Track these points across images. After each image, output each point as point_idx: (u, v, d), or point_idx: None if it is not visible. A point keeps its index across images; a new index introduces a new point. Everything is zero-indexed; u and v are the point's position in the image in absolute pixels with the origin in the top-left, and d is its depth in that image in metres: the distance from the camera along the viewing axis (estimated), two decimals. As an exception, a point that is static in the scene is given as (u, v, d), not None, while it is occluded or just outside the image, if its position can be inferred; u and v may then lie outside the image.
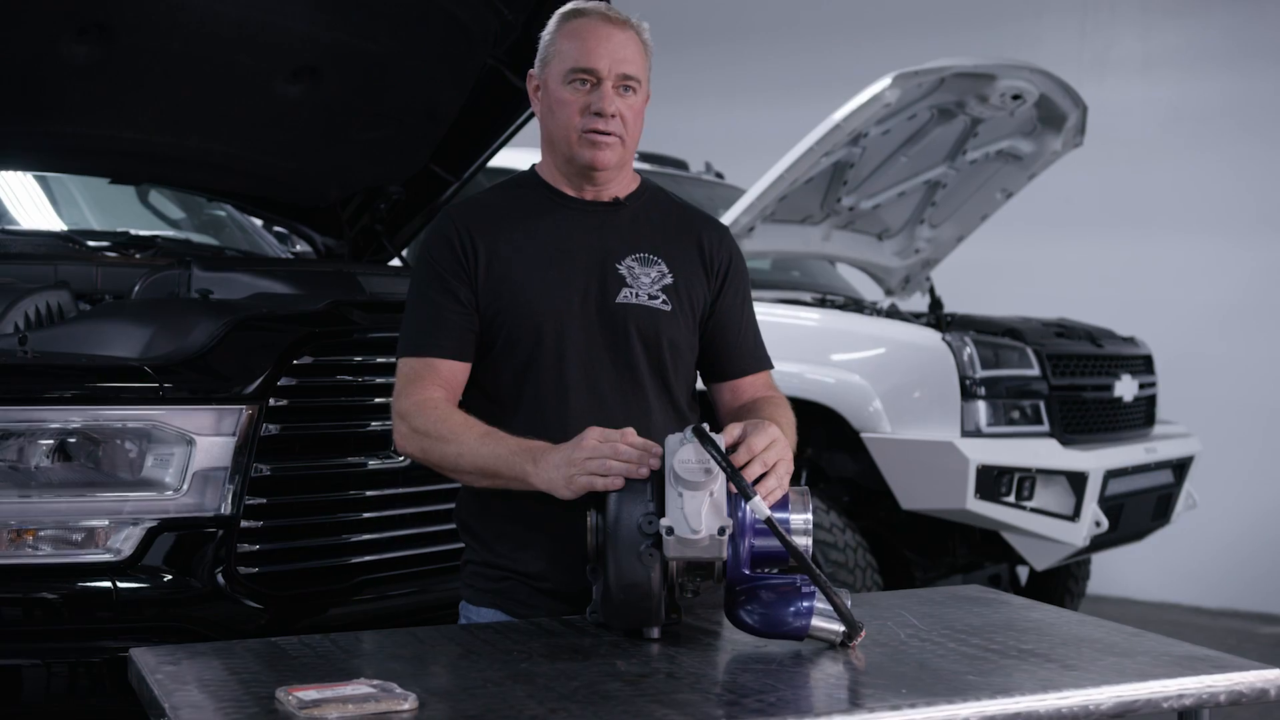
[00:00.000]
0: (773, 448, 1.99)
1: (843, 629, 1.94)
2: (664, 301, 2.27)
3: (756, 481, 1.94)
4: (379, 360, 2.71)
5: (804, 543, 1.95)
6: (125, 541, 2.41)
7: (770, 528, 1.89)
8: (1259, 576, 7.26)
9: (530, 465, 2.07)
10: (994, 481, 4.71)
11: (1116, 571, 7.10)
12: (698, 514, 1.88)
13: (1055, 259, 7.73)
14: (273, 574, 2.56)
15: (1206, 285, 7.43)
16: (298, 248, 4.67)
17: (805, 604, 1.94)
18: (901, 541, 5.07)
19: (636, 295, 2.26)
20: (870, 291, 6.77)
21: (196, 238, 4.22)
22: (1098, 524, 4.87)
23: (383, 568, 2.73)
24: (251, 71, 3.47)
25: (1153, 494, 5.38)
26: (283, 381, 2.54)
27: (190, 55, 3.34)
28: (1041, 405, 4.96)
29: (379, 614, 2.67)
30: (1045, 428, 4.95)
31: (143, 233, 3.85)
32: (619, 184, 2.33)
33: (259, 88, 3.52)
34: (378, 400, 2.72)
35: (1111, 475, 4.96)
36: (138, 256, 3.51)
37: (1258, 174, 7.33)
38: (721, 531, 1.89)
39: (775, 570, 1.99)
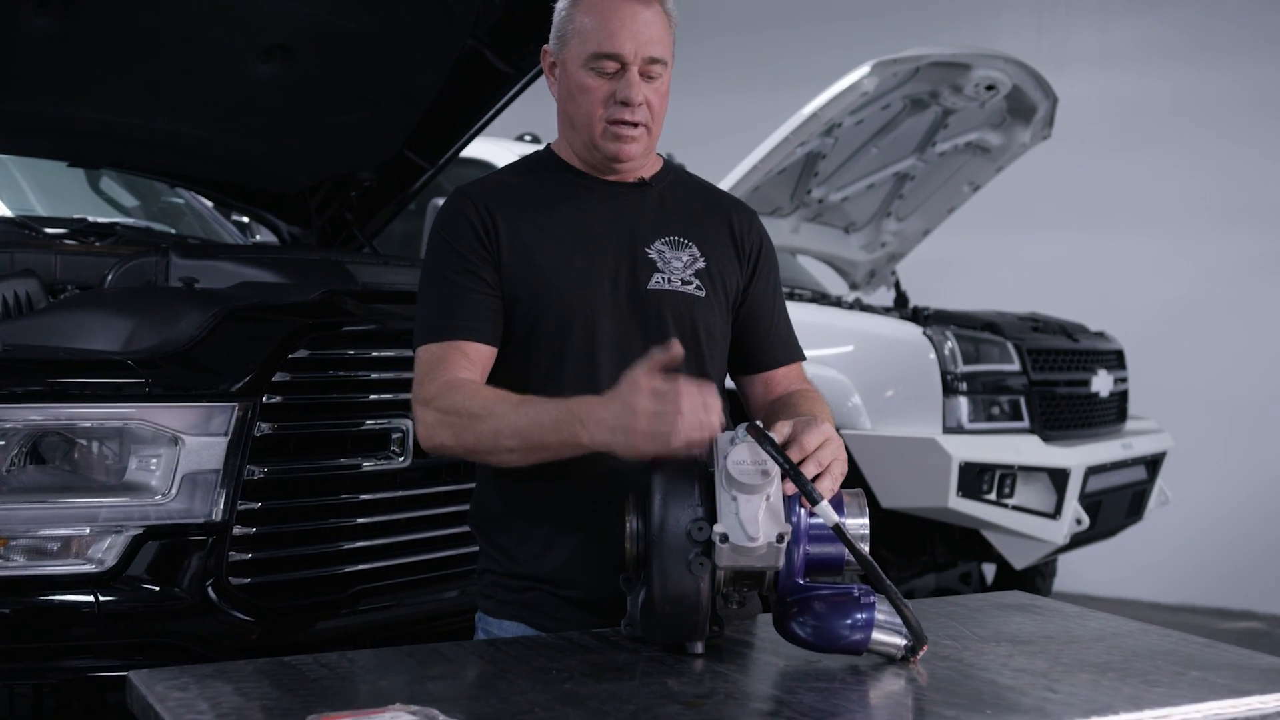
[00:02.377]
0: (826, 446, 1.85)
1: (904, 643, 1.81)
2: (698, 287, 2.12)
3: (812, 482, 1.80)
4: (378, 354, 2.54)
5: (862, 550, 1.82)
6: (108, 551, 2.22)
7: (839, 535, 1.75)
8: (1216, 572, 7.26)
9: (579, 426, 1.85)
10: (976, 479, 4.62)
11: (1075, 568, 7.06)
12: (754, 519, 1.73)
13: (1012, 254, 7.69)
14: (266, 584, 2.38)
15: (1164, 280, 7.42)
16: (257, 237, 4.47)
17: (864, 616, 1.80)
18: (877, 540, 4.95)
19: (669, 280, 2.11)
20: (834, 285, 6.67)
21: (156, 226, 4.00)
22: (1078, 521, 4.81)
23: (384, 575, 2.56)
24: (222, 50, 3.28)
25: (1128, 490, 5.33)
26: (277, 377, 2.36)
27: (158, 31, 3.14)
28: (1021, 401, 4.88)
29: (379, 625, 2.50)
30: (1025, 424, 4.87)
31: (101, 220, 3.63)
32: (643, 165, 2.18)
33: (230, 67, 3.32)
34: (375, 396, 2.54)
35: (1091, 472, 4.90)
36: (98, 245, 3.29)
37: (1216, 168, 7.33)
38: (780, 539, 1.74)
39: (834, 579, 1.85)
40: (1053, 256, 7.62)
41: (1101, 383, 5.30)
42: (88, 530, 2.21)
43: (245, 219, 4.37)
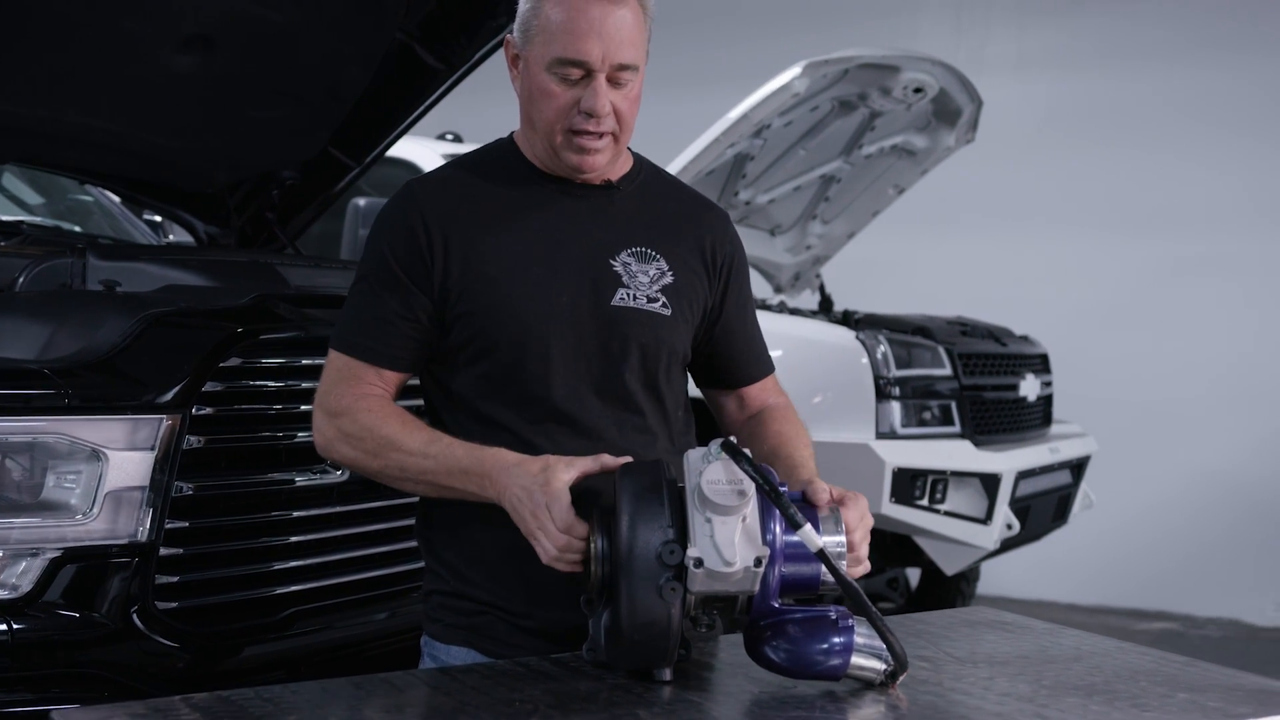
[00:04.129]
0: (864, 523, 1.80)
1: (884, 667, 1.72)
2: (664, 305, 1.99)
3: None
4: (314, 362, 2.38)
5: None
6: (23, 575, 2.05)
7: (824, 562, 1.66)
8: (1131, 574, 7.32)
9: (488, 483, 1.81)
10: (909, 485, 4.59)
11: (993, 570, 7.06)
12: (730, 543, 1.63)
13: (930, 257, 7.69)
14: (195, 609, 2.23)
15: (1081, 283, 7.46)
16: (170, 237, 4.28)
17: (841, 640, 1.71)
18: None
19: (634, 297, 1.97)
20: (758, 289, 6.60)
21: (64, 225, 3.80)
22: (1009, 526, 4.79)
23: (320, 596, 2.41)
24: (138, 39, 3.09)
25: (1055, 494, 5.34)
26: (208, 387, 2.21)
27: (69, 18, 2.95)
28: (953, 405, 4.85)
29: (316, 649, 2.36)
30: (956, 429, 4.84)
31: (4, 218, 3.43)
32: (611, 169, 2.03)
33: (146, 57, 3.14)
34: (310, 407, 2.39)
35: (1021, 476, 4.88)
36: (4, 245, 3.10)
37: (1132, 172, 7.38)
38: (758, 562, 1.64)
39: (818, 601, 1.76)
40: (970, 260, 7.63)
41: (1029, 387, 5.30)
42: (1, 553, 2.05)
43: (158, 218, 4.18)
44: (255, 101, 3.43)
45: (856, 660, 1.72)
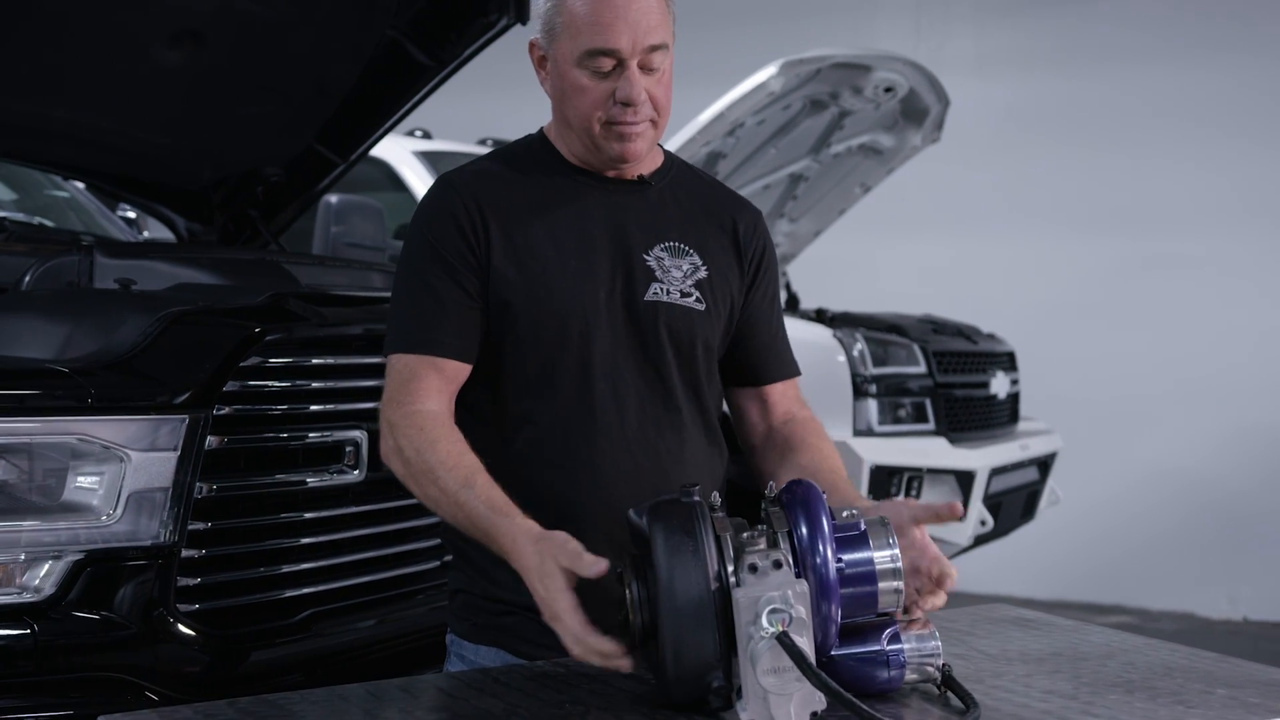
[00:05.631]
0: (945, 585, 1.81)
1: (938, 673, 1.72)
2: (698, 299, 1.98)
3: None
4: (331, 362, 2.37)
5: (893, 585, 1.70)
6: (46, 578, 2.02)
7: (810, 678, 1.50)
8: (1087, 567, 7.42)
9: (504, 550, 1.73)
10: (885, 481, 4.62)
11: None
12: (787, 714, 1.51)
13: (890, 256, 7.74)
14: (216, 610, 2.20)
15: (1038, 283, 7.54)
16: (145, 233, 4.22)
17: (895, 672, 1.70)
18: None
19: (668, 292, 1.96)
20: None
21: (47, 221, 3.74)
22: (983, 523, 4.84)
23: (340, 597, 2.39)
24: (129, 34, 3.06)
25: (1024, 491, 5.41)
26: (228, 386, 2.18)
27: (60, 13, 2.91)
28: (927, 403, 4.90)
29: (336, 649, 2.33)
30: (931, 426, 4.89)
31: (-13, 214, 3.38)
32: (646, 161, 2.02)
33: (136, 53, 3.10)
34: (328, 407, 2.38)
35: (994, 473, 4.94)
36: (-5, 242, 3.04)
37: (1091, 172, 7.48)
38: (814, 716, 1.53)
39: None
40: (932, 258, 7.69)
41: (999, 384, 5.36)
42: (23, 556, 2.01)
43: (132, 213, 4.12)
44: (243, 98, 3.40)
45: (910, 676, 1.71)
